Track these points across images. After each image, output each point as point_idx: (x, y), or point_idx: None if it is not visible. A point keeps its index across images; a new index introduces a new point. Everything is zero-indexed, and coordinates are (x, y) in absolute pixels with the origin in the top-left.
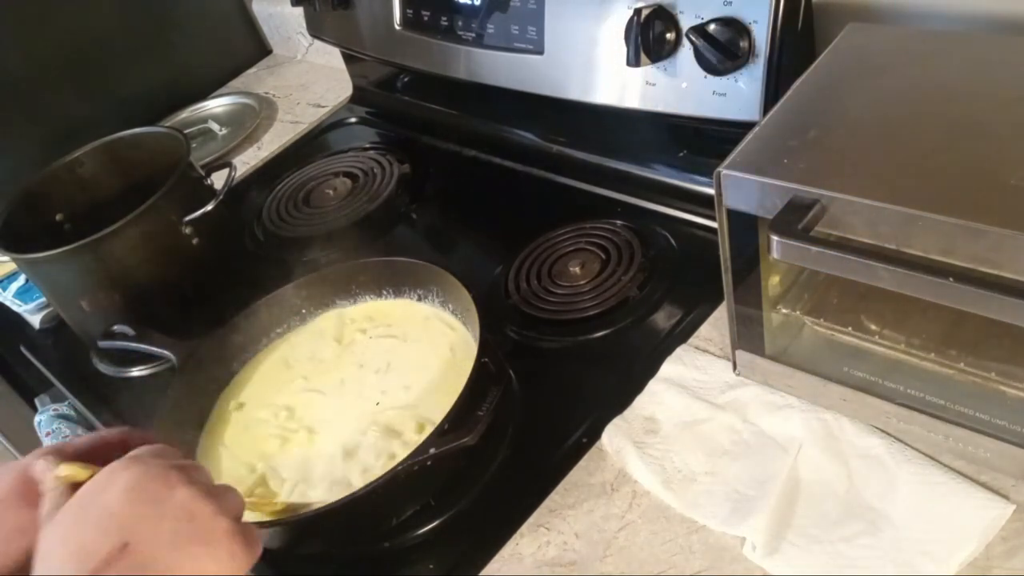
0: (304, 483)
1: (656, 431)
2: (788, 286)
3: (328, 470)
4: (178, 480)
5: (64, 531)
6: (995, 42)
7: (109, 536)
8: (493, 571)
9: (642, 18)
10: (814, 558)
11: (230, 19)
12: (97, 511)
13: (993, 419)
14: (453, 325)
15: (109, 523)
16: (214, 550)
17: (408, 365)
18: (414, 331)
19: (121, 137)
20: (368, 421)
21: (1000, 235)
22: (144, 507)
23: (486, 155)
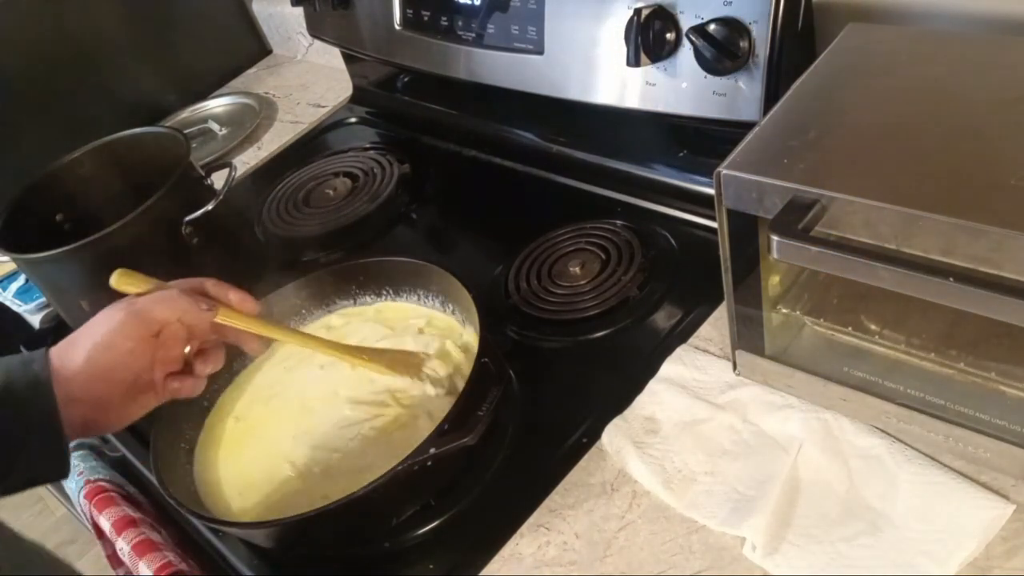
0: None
1: (656, 431)
2: (788, 286)
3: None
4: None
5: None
6: (995, 42)
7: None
8: (493, 571)
9: (642, 18)
10: (814, 558)
11: (230, 19)
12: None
13: (993, 419)
14: (453, 325)
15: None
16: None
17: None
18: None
19: (121, 137)
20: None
21: (1000, 235)
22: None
23: (486, 155)
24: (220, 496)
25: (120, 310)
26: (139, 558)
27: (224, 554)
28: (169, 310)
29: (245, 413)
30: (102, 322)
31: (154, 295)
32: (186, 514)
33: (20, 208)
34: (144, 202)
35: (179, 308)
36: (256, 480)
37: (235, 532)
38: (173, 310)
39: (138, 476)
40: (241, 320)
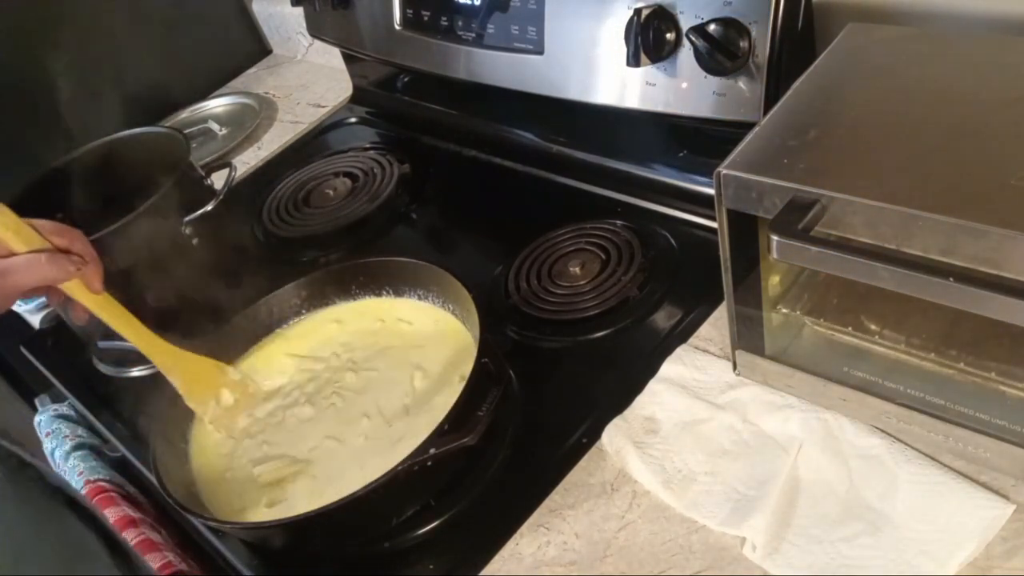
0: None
1: (656, 431)
2: (788, 286)
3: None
4: None
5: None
6: (995, 42)
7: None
8: (493, 571)
9: (642, 18)
10: (814, 558)
11: (230, 19)
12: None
13: (993, 419)
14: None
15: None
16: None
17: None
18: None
19: (121, 137)
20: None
21: (1000, 235)
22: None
23: (486, 155)
24: (221, 496)
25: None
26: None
27: (224, 554)
28: (35, 279)
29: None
30: None
31: (23, 260)
32: (186, 514)
33: (20, 208)
34: (144, 202)
35: (46, 276)
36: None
37: (235, 532)
38: (39, 278)
39: (138, 476)
40: (83, 294)
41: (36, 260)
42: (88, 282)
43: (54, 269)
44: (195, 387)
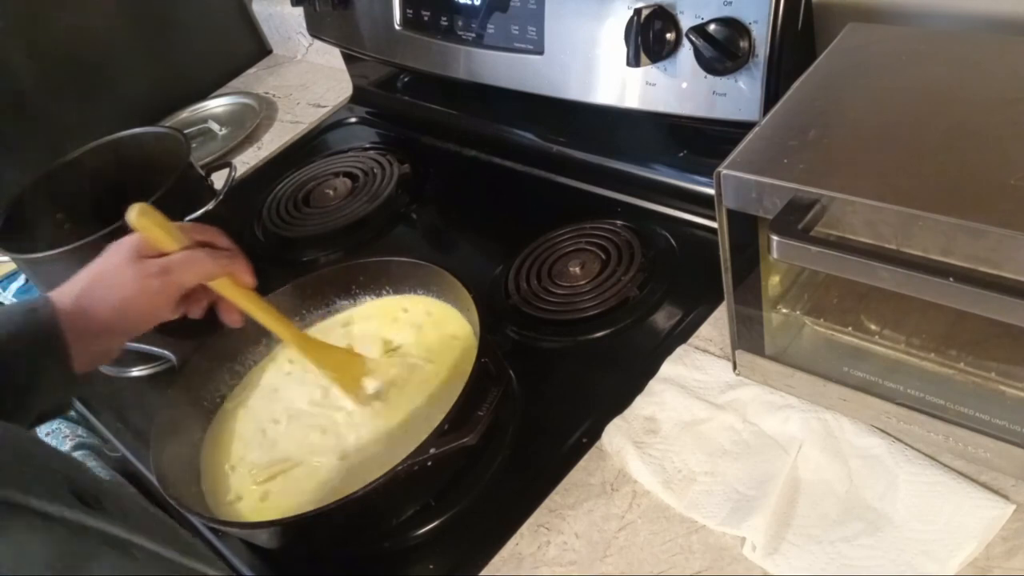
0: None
1: (656, 431)
2: (788, 286)
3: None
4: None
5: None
6: (995, 42)
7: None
8: (493, 571)
9: (642, 18)
10: (814, 558)
11: (230, 19)
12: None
13: (993, 419)
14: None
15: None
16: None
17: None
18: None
19: (121, 137)
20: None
21: (1000, 235)
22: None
23: (486, 155)
24: (220, 495)
25: (144, 272)
26: None
27: (224, 554)
28: (197, 275)
29: (242, 413)
30: (123, 283)
31: (181, 257)
32: (186, 514)
33: (20, 208)
34: (144, 202)
35: (206, 272)
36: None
37: (235, 532)
38: (200, 274)
39: (138, 476)
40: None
41: (195, 256)
42: (239, 277)
43: (212, 264)
44: (345, 377)
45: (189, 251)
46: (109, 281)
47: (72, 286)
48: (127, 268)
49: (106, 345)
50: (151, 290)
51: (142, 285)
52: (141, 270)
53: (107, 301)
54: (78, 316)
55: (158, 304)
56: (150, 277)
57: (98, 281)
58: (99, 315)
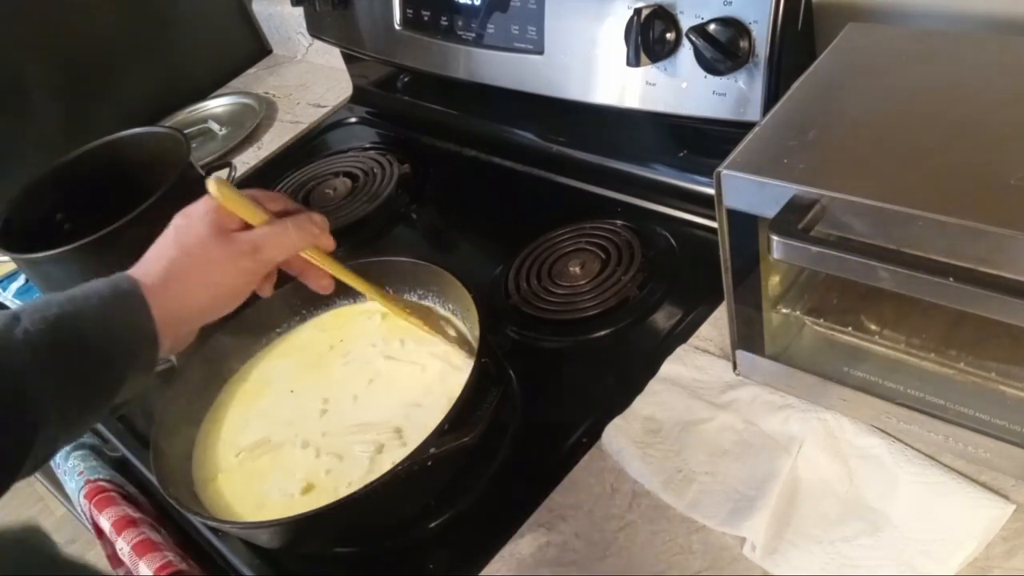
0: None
1: (656, 431)
2: (788, 286)
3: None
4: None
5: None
6: (995, 42)
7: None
8: (493, 571)
9: (642, 18)
10: (814, 558)
11: (230, 19)
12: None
13: (993, 419)
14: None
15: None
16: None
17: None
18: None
19: (121, 137)
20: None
21: (1000, 235)
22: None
23: (486, 155)
24: (220, 496)
25: (235, 250)
26: (139, 558)
27: (224, 554)
28: (287, 249)
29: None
30: (214, 262)
31: (271, 232)
32: (186, 514)
33: (20, 208)
34: (144, 202)
35: (296, 245)
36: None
37: (235, 532)
38: (290, 248)
39: (138, 476)
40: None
41: (283, 230)
42: (323, 242)
43: (301, 235)
44: (431, 323)
45: (276, 225)
46: (199, 260)
47: (155, 265)
48: (215, 245)
49: (191, 328)
50: (245, 270)
51: (236, 266)
52: (232, 249)
53: (200, 283)
54: (170, 300)
55: (250, 283)
56: (243, 256)
57: (186, 259)
58: (192, 299)
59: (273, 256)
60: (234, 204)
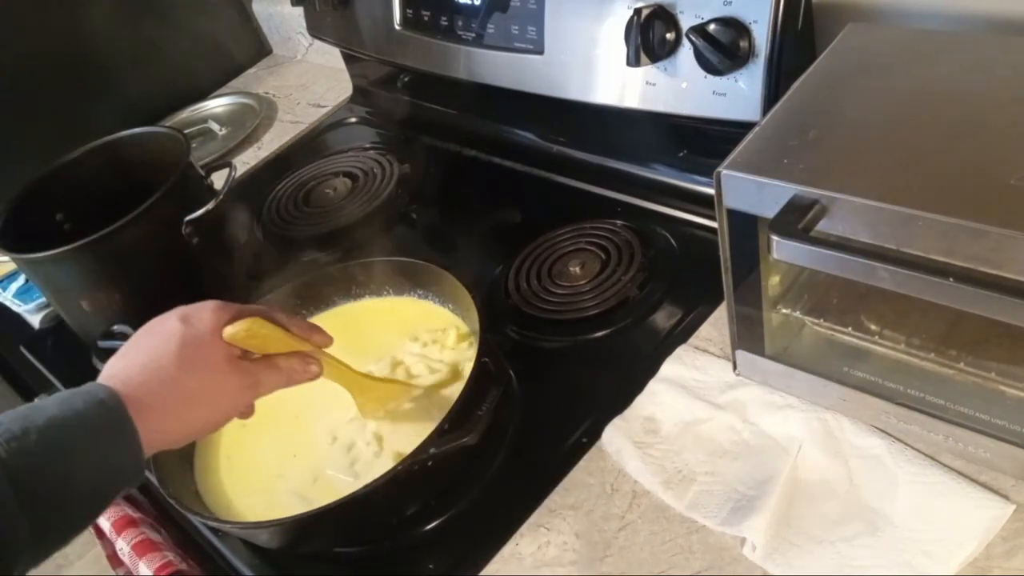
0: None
1: (656, 431)
2: (788, 286)
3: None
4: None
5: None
6: (995, 42)
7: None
8: (493, 571)
9: (642, 18)
10: (814, 558)
11: (230, 19)
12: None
13: (993, 419)
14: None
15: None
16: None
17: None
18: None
19: (121, 137)
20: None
21: (1000, 235)
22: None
23: (486, 155)
24: (220, 496)
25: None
26: (139, 558)
27: (224, 554)
28: (282, 382)
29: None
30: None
31: (273, 372)
32: (186, 514)
33: (20, 208)
34: (144, 202)
35: (291, 379)
36: (257, 479)
37: (235, 532)
38: (284, 382)
39: None
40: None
41: (290, 370)
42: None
43: (300, 376)
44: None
45: (283, 371)
46: (208, 389)
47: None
48: (228, 376)
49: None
50: (244, 402)
51: (241, 397)
52: (242, 380)
53: (203, 410)
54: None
55: (234, 414)
56: (247, 388)
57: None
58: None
59: (269, 391)
60: (248, 345)
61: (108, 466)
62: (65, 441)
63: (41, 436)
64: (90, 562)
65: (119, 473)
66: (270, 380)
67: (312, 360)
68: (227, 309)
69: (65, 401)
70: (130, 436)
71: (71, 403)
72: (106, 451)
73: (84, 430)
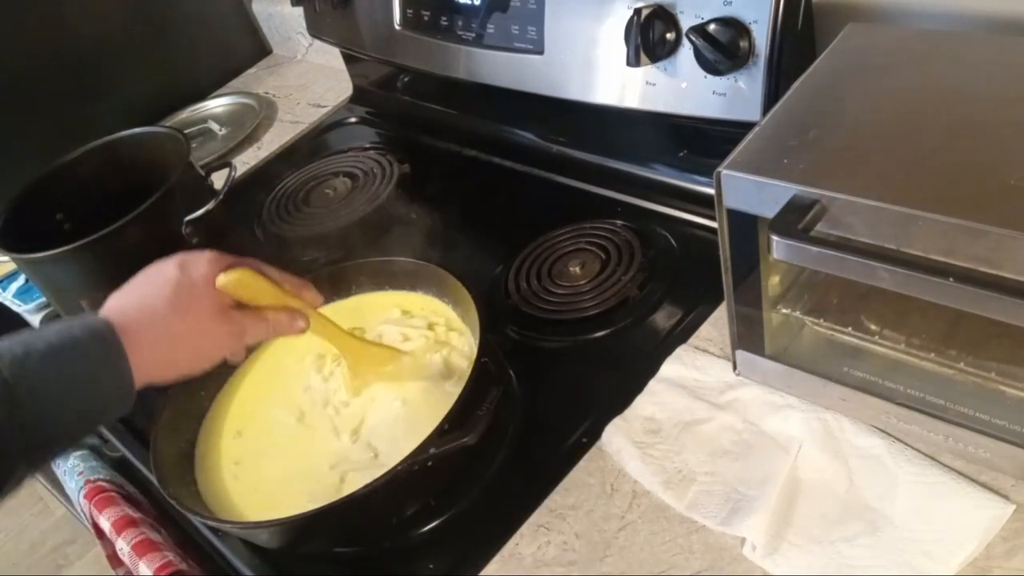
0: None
1: (656, 431)
2: (788, 286)
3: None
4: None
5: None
6: (995, 42)
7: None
8: (493, 571)
9: (642, 18)
10: (814, 558)
11: (230, 19)
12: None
13: (993, 419)
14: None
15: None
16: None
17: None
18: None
19: (121, 137)
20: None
21: (1000, 235)
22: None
23: (486, 155)
24: (221, 496)
25: (222, 321)
26: (139, 558)
27: (224, 554)
28: (268, 334)
29: (242, 412)
30: (205, 332)
31: (263, 328)
32: (186, 514)
33: (20, 208)
34: (144, 202)
35: (277, 331)
36: (257, 479)
37: (235, 532)
38: (271, 333)
39: (138, 476)
40: (324, 329)
41: (276, 322)
42: (315, 301)
43: (286, 328)
44: (365, 368)
45: (275, 317)
46: (193, 330)
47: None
48: (214, 322)
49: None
50: (229, 345)
51: (224, 342)
52: (227, 328)
53: (187, 349)
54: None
55: (224, 355)
56: (233, 336)
57: (181, 325)
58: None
59: (255, 341)
60: (240, 295)
61: (100, 391)
62: (63, 366)
63: (41, 360)
64: (90, 562)
65: (110, 398)
66: (256, 330)
67: (300, 315)
68: (222, 259)
69: (64, 329)
70: (122, 364)
71: (70, 330)
72: (100, 376)
73: (81, 356)
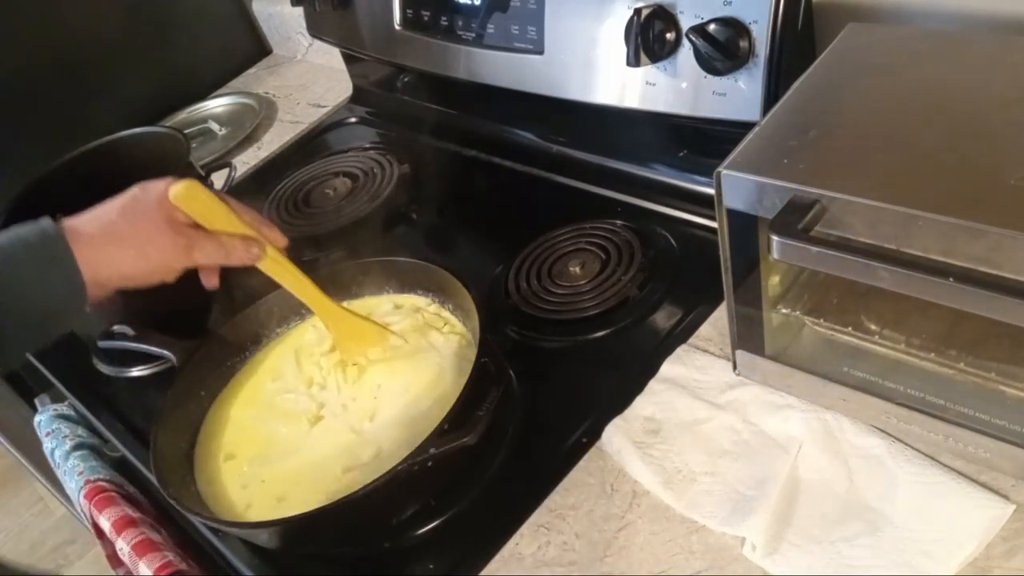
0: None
1: (656, 431)
2: (788, 286)
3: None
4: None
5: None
6: (995, 42)
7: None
8: (493, 571)
9: (642, 18)
10: (814, 558)
11: (230, 19)
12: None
13: (993, 419)
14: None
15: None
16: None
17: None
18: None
19: (121, 137)
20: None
21: (1000, 235)
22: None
23: (486, 155)
24: (221, 496)
25: (169, 232)
26: (139, 558)
27: (224, 554)
28: (220, 255)
29: (242, 413)
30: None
31: (214, 243)
32: (186, 514)
33: (20, 208)
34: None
35: (230, 255)
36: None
37: (235, 532)
38: (222, 255)
39: (138, 476)
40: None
41: (230, 245)
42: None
43: (239, 253)
44: (350, 343)
45: (229, 240)
46: (139, 234)
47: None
48: (160, 230)
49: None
50: (175, 258)
51: (170, 252)
52: (174, 240)
53: (132, 252)
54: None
55: (175, 271)
56: (179, 248)
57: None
58: (120, 264)
59: (201, 263)
60: (193, 211)
61: (51, 289)
62: (14, 265)
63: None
64: (90, 562)
65: (62, 296)
66: (207, 248)
67: (255, 244)
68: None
69: (15, 234)
70: (68, 261)
71: (19, 233)
72: (48, 274)
73: (28, 253)
